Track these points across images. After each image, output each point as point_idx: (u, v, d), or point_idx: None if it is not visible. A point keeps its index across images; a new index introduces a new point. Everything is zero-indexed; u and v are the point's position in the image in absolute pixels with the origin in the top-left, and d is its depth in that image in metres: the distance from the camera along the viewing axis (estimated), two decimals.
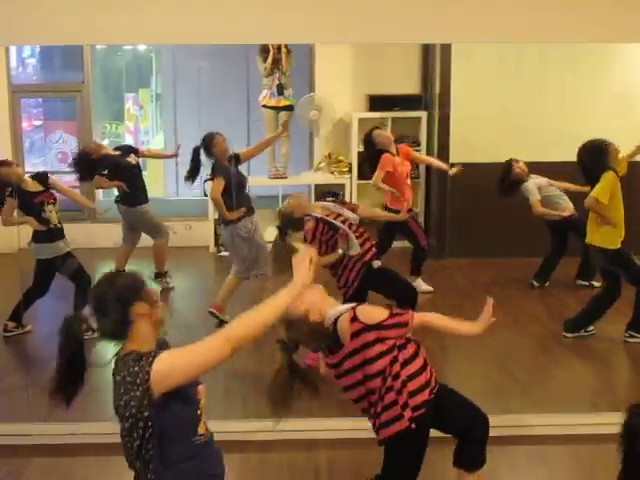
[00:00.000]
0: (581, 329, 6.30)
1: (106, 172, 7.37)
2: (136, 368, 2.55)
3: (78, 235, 8.70)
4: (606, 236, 6.02)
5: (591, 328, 6.31)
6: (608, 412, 4.77)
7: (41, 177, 6.48)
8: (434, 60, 8.83)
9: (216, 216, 8.90)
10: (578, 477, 4.46)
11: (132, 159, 7.55)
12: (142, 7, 4.35)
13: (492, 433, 3.70)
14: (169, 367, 2.52)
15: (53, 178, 6.55)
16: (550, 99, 8.47)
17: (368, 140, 7.57)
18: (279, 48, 8.81)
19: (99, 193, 8.98)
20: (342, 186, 8.99)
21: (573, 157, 6.31)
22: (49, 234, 6.35)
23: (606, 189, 5.88)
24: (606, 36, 4.64)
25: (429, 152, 8.84)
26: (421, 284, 7.32)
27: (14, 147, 9.24)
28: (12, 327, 6.49)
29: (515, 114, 8.38)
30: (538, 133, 8.30)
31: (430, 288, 7.40)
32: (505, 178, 7.33)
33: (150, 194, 7.73)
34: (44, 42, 6.92)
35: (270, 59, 8.84)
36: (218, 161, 6.59)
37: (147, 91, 10.66)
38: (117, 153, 7.57)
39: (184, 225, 9.01)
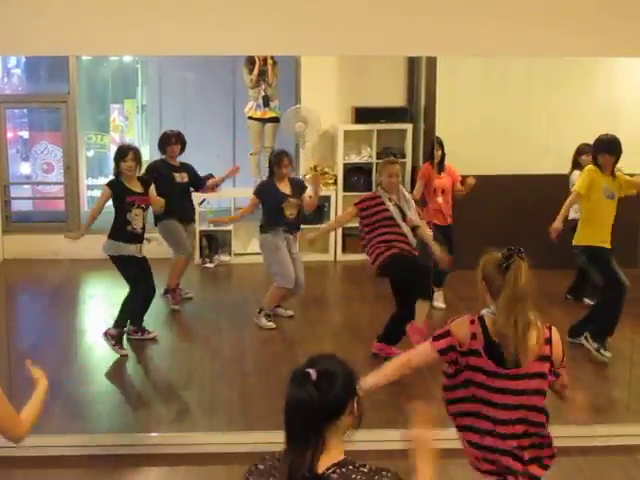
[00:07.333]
0: (580, 335, 6.24)
1: None
2: None
3: (63, 246, 8.70)
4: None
5: (607, 354, 6.20)
6: (593, 425, 4.78)
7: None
8: (420, 73, 8.87)
9: (202, 227, 8.87)
10: None
11: None
12: (128, 19, 4.36)
13: None
14: None
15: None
16: (535, 112, 8.50)
17: None
18: (265, 60, 8.82)
19: None
20: (328, 198, 9.00)
21: (558, 170, 6.36)
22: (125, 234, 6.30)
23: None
24: (592, 50, 4.69)
25: (414, 164, 8.87)
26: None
27: None
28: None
29: (500, 127, 8.41)
30: (523, 146, 8.33)
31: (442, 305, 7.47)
32: None
33: None
34: (30, 53, 6.91)
35: (256, 71, 8.85)
36: None
37: (133, 102, 10.64)
38: None
39: None
